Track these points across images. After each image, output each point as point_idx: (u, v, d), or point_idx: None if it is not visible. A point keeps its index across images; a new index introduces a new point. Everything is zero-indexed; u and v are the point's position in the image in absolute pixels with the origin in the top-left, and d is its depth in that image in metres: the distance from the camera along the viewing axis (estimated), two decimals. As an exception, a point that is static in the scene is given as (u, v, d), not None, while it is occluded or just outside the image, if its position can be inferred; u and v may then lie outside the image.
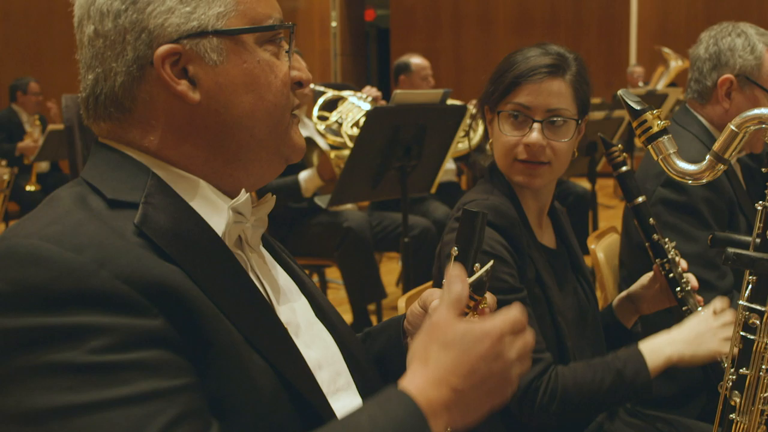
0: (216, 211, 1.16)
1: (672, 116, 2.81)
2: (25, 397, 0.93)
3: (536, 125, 1.92)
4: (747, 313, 1.35)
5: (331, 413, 1.15)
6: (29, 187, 7.66)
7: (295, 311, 1.26)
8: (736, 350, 1.38)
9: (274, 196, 1.27)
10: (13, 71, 9.68)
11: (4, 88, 8.93)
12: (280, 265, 1.32)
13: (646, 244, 2.09)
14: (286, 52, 1.22)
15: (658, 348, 1.87)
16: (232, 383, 1.05)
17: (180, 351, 1.00)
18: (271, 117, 1.18)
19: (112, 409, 0.93)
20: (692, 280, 2.08)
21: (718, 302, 1.91)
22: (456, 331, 1.04)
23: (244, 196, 1.17)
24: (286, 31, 1.22)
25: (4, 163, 6.86)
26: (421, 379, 1.02)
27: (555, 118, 1.93)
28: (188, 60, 1.13)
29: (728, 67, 2.57)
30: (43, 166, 8.02)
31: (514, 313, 1.07)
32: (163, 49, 1.11)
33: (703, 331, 1.85)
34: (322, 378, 1.20)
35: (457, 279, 1.08)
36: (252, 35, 1.16)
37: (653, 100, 6.01)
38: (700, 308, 2.03)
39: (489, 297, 1.18)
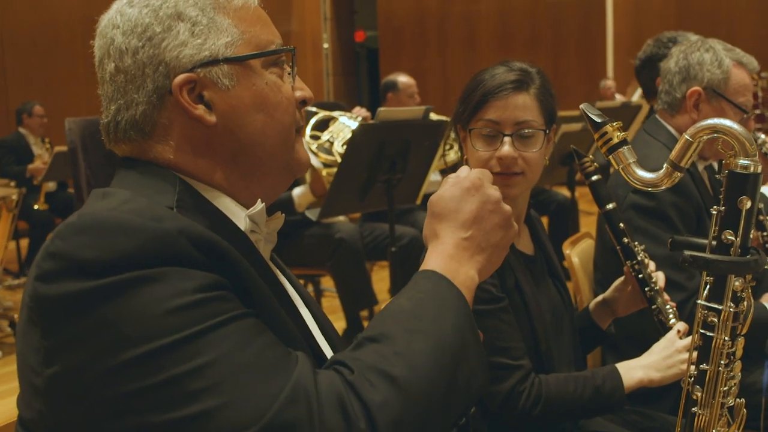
0: (235, 218, 1.21)
1: (642, 126, 2.83)
2: (125, 344, 0.95)
3: (507, 139, 1.93)
4: (705, 311, 1.36)
5: None
6: (37, 206, 7.66)
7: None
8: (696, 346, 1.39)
9: (283, 215, 1.31)
10: (21, 96, 9.68)
11: (13, 113, 8.94)
12: (286, 279, 1.36)
13: (617, 247, 2.11)
14: (289, 74, 1.26)
15: (633, 371, 1.95)
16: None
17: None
18: (280, 133, 1.23)
19: (213, 332, 0.97)
20: (660, 280, 2.11)
21: (681, 324, 2.01)
22: (444, 199, 1.19)
23: (260, 205, 1.22)
24: (288, 55, 1.26)
25: (12, 183, 6.85)
26: (439, 248, 1.16)
27: (524, 131, 1.94)
28: (203, 86, 1.17)
29: (697, 80, 2.59)
30: (51, 185, 8.02)
31: (479, 168, 1.24)
32: (180, 78, 1.16)
33: (668, 356, 1.95)
34: None
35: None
36: (258, 60, 1.21)
37: (628, 111, 6.02)
38: (671, 316, 2.07)
39: None
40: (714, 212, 1.34)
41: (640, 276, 2.09)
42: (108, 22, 1.20)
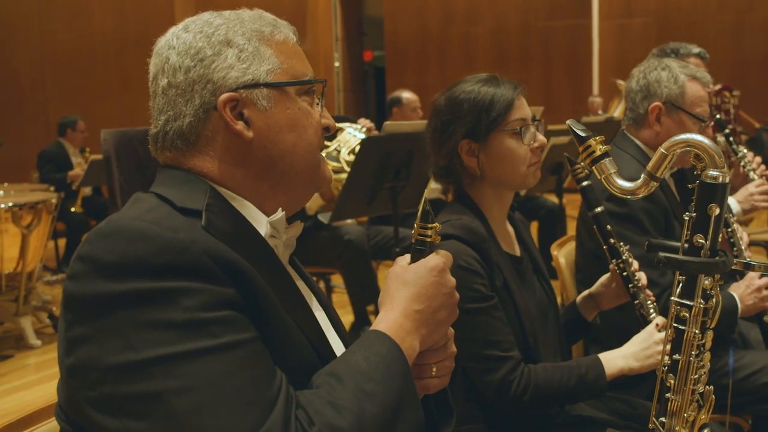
0: (258, 225, 1.23)
1: (612, 141, 2.84)
2: (128, 350, 0.98)
3: (536, 129, 2.01)
4: (678, 307, 1.37)
5: None
6: (74, 209, 7.70)
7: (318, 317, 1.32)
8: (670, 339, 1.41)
9: (302, 224, 1.33)
10: (60, 109, 9.74)
11: (52, 124, 8.96)
12: (303, 280, 1.38)
13: (604, 247, 2.13)
14: (317, 104, 1.30)
15: (614, 360, 1.96)
16: (280, 353, 1.10)
17: (246, 315, 1.07)
18: (307, 152, 1.26)
19: (205, 356, 0.98)
20: (642, 278, 2.13)
21: (660, 319, 2.02)
22: (409, 270, 1.19)
23: (280, 213, 1.24)
24: (318, 85, 1.30)
25: (52, 189, 6.88)
26: (392, 314, 1.16)
27: (537, 122, 2.03)
28: (244, 105, 1.20)
29: (656, 96, 2.61)
30: (87, 190, 8.04)
31: (445, 252, 1.22)
32: (225, 96, 1.19)
33: (647, 347, 1.96)
34: None
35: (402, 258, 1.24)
36: (293, 88, 1.24)
37: (612, 125, 6.02)
38: (652, 311, 2.09)
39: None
40: (686, 218, 1.36)
41: (624, 274, 2.11)
42: (164, 44, 1.24)
